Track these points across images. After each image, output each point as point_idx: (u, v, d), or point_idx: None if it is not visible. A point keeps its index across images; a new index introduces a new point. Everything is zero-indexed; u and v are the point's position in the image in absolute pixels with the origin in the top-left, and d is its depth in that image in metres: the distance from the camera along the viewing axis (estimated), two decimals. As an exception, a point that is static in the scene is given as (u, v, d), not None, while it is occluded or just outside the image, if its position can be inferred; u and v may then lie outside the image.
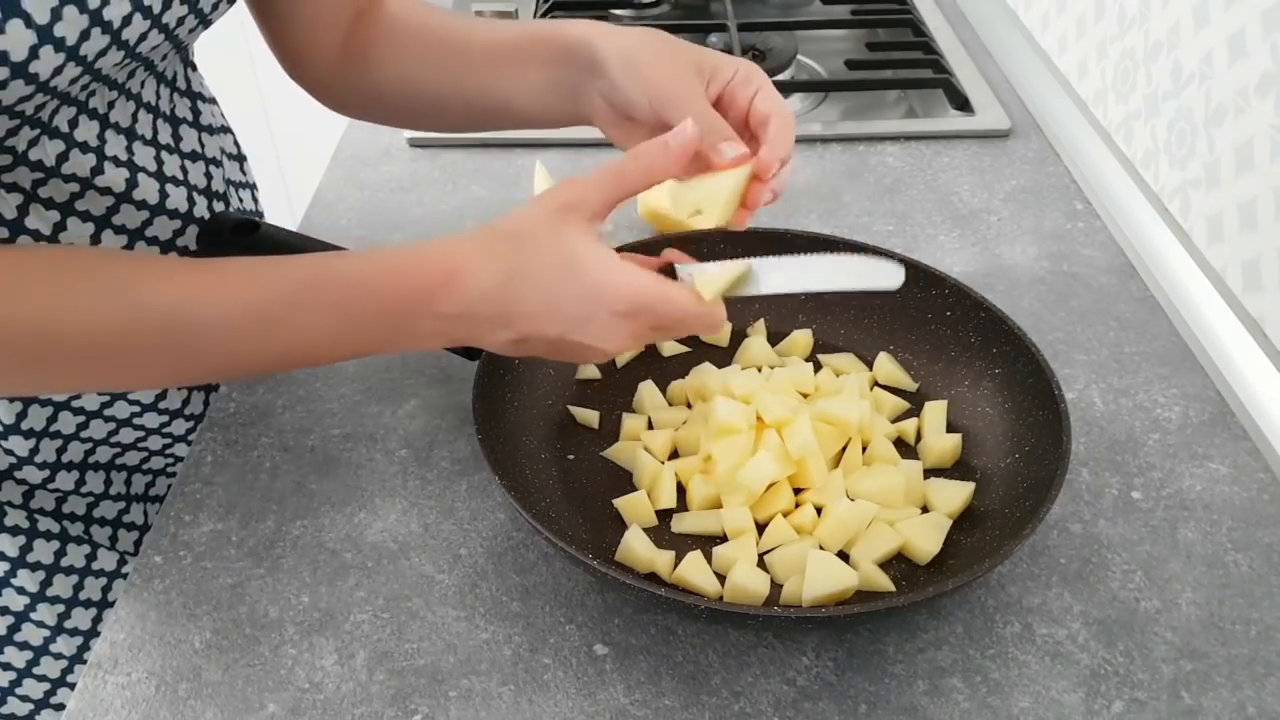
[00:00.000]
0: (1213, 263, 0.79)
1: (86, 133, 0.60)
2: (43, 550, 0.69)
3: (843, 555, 0.60)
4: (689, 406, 0.70)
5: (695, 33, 1.15)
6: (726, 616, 0.54)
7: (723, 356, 0.73)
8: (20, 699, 0.73)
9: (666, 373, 0.72)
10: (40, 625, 0.71)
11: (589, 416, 0.69)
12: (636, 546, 0.58)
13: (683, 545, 0.61)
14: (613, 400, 0.70)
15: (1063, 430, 0.59)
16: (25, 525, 0.68)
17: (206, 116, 0.74)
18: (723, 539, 0.61)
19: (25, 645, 0.71)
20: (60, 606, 0.70)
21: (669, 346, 0.74)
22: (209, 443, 0.69)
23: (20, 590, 0.69)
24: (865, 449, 0.65)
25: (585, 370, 0.72)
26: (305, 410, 0.72)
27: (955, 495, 0.62)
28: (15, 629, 0.70)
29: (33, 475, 0.67)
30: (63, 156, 0.59)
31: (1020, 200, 0.93)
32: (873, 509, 0.60)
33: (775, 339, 0.74)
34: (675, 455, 0.66)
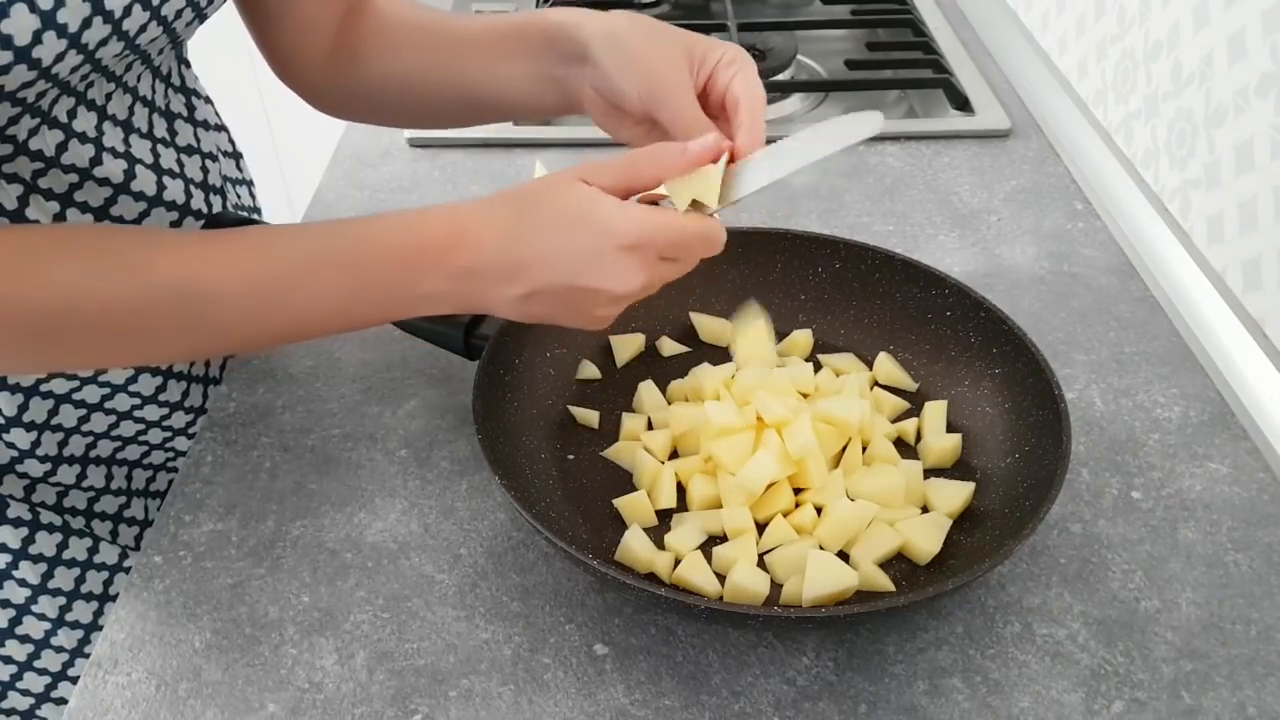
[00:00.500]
0: (1213, 263, 0.79)
1: (85, 123, 0.61)
2: (45, 543, 0.69)
3: (843, 555, 0.60)
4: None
5: (695, 32, 1.15)
6: (726, 616, 0.54)
7: (723, 357, 0.73)
8: (21, 693, 0.73)
9: (666, 373, 0.72)
10: (41, 618, 0.71)
11: (589, 416, 0.69)
12: (636, 546, 0.58)
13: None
14: (613, 400, 0.70)
15: (1063, 430, 0.59)
16: (28, 518, 0.68)
17: (201, 113, 0.74)
18: (723, 539, 0.61)
19: (26, 639, 0.72)
20: (62, 599, 0.71)
21: (669, 346, 0.74)
22: (209, 442, 0.69)
23: (22, 583, 0.69)
24: (865, 449, 0.65)
25: (585, 370, 0.72)
26: (305, 410, 0.72)
27: (955, 495, 0.62)
28: (17, 621, 0.70)
29: (34, 469, 0.68)
30: (62, 146, 0.60)
31: (1020, 200, 0.93)
32: (873, 509, 0.60)
33: (775, 339, 0.74)
34: (675, 455, 0.66)
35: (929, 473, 0.65)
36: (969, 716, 0.54)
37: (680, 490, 0.64)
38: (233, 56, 1.20)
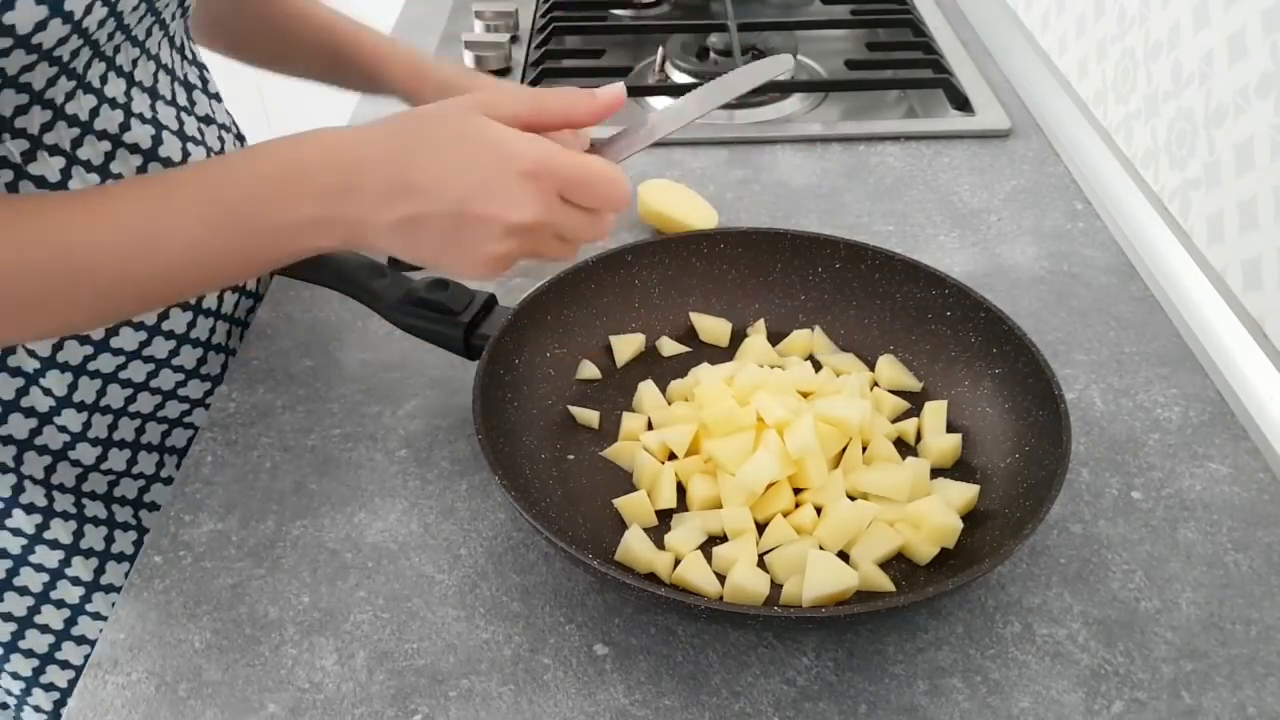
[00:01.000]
0: (1213, 262, 0.79)
1: (115, 89, 0.62)
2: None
3: (843, 555, 0.60)
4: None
5: (695, 33, 1.15)
6: (726, 616, 0.54)
7: (723, 356, 0.73)
8: (44, 688, 0.75)
9: (666, 373, 0.72)
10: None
11: (589, 416, 0.69)
12: (636, 547, 0.58)
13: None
14: (613, 400, 0.70)
15: (1063, 430, 0.59)
16: (43, 504, 0.69)
17: (213, 86, 0.76)
18: (723, 539, 0.61)
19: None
20: (81, 589, 0.72)
21: (669, 346, 0.74)
22: (209, 443, 0.69)
23: (39, 568, 0.70)
24: (865, 449, 0.65)
25: (585, 370, 0.72)
26: (305, 410, 0.72)
27: (959, 496, 0.62)
28: (35, 611, 0.72)
29: (55, 440, 0.68)
30: (94, 112, 0.60)
31: (1020, 200, 0.93)
32: (873, 509, 0.60)
33: (775, 339, 0.74)
34: (675, 455, 0.66)
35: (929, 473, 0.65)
36: (969, 716, 0.54)
37: (680, 490, 0.64)
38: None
